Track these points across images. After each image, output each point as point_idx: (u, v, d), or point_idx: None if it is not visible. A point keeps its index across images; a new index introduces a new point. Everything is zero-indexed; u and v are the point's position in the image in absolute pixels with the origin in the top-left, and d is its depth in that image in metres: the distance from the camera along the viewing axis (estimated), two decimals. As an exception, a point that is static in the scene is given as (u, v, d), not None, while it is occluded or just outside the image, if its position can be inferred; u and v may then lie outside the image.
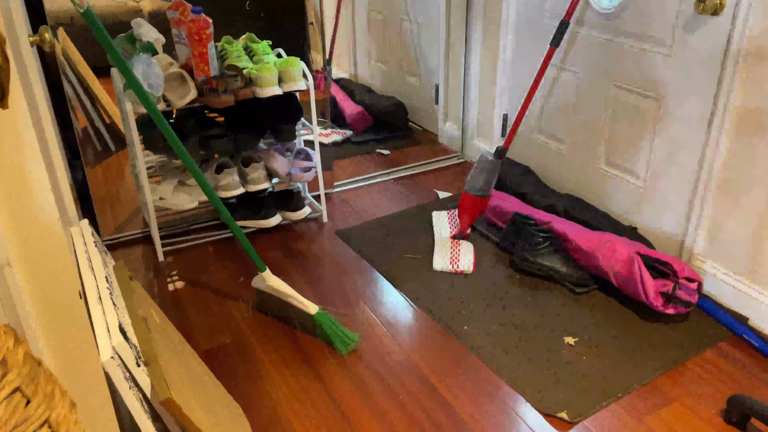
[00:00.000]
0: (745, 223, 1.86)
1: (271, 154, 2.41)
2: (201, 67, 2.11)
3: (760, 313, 1.86)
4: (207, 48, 2.09)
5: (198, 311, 2.01)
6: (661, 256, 1.92)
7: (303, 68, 2.26)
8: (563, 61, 2.37)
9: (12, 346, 0.60)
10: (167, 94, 2.09)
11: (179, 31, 2.14)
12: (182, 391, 1.14)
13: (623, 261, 1.89)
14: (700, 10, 1.77)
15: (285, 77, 2.21)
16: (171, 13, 2.14)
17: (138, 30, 2.15)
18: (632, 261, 1.87)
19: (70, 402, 0.62)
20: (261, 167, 2.33)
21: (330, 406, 1.64)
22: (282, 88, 2.22)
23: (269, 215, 2.40)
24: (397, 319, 1.96)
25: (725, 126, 1.83)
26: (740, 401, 1.53)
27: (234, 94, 2.14)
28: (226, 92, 2.12)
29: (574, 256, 2.06)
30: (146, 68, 1.98)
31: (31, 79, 1.31)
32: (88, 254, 1.35)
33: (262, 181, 2.33)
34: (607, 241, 1.97)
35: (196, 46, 2.08)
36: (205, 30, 2.07)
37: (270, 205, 2.42)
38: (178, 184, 2.33)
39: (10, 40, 1.06)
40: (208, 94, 2.11)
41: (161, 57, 2.15)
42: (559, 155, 2.51)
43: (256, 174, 2.31)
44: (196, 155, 2.33)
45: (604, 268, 1.95)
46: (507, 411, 1.62)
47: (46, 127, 1.38)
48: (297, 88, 2.24)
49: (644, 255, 1.91)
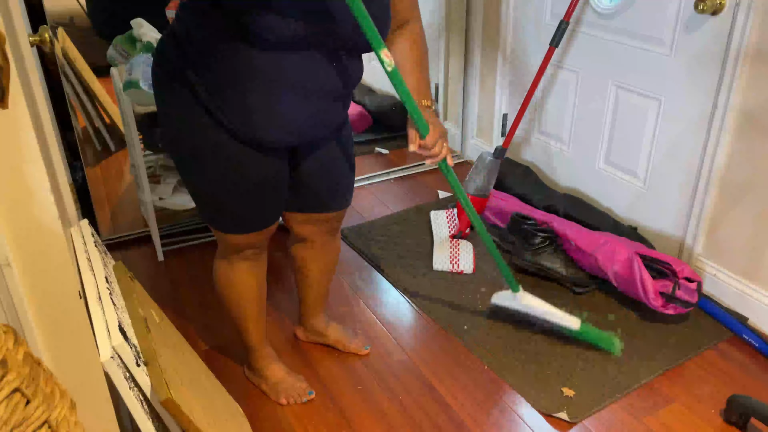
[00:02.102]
0: (745, 223, 1.86)
1: None
2: None
3: (760, 313, 1.86)
4: None
5: (198, 311, 2.01)
6: (660, 256, 1.91)
7: None
8: (563, 61, 2.37)
9: (12, 346, 0.60)
10: None
11: None
12: (182, 391, 1.14)
13: (623, 261, 1.89)
14: (700, 10, 1.77)
15: None
16: (171, 13, 2.14)
17: (138, 30, 2.15)
18: (632, 261, 1.87)
19: (70, 402, 0.62)
20: None
21: (329, 406, 1.64)
22: None
23: None
24: (397, 319, 1.96)
25: (725, 126, 1.83)
26: (740, 401, 1.53)
27: None
28: None
29: (574, 257, 2.05)
30: (146, 68, 1.98)
31: (31, 79, 1.31)
32: (88, 254, 1.35)
33: None
34: (606, 241, 1.97)
35: None
36: None
37: None
38: (178, 184, 2.32)
39: (10, 40, 1.06)
40: None
41: None
42: (560, 155, 2.51)
43: None
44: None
45: (604, 269, 1.94)
46: (507, 411, 1.62)
47: (46, 127, 1.37)
48: None
49: (644, 255, 1.91)
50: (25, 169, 0.83)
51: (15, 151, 0.82)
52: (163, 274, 2.21)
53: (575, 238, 2.04)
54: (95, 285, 1.24)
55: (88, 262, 1.31)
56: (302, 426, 1.58)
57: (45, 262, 0.87)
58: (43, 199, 0.85)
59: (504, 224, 2.32)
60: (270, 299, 2.06)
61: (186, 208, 2.29)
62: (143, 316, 1.23)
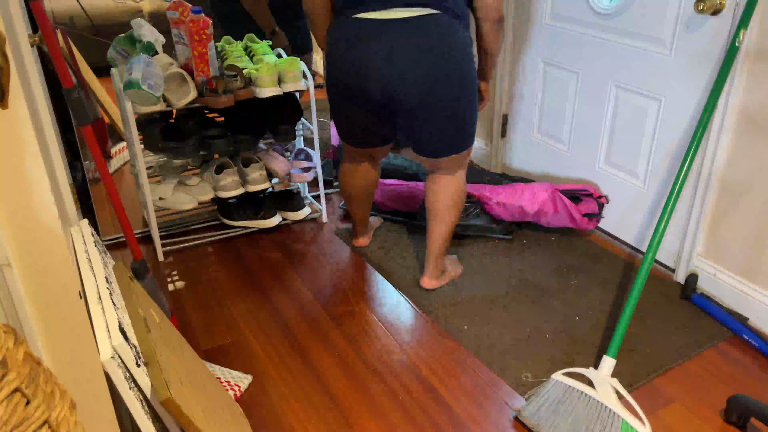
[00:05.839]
0: (745, 223, 1.86)
1: (270, 155, 2.41)
2: (201, 68, 2.11)
3: (760, 313, 1.86)
4: (207, 48, 2.09)
5: (198, 311, 2.01)
6: (572, 186, 2.28)
7: (303, 69, 2.26)
8: (563, 61, 2.37)
9: (12, 346, 0.60)
10: (167, 95, 2.09)
11: (179, 31, 2.14)
12: (182, 391, 1.14)
13: (546, 200, 2.24)
14: (700, 10, 1.77)
15: (285, 78, 2.21)
16: (171, 13, 2.14)
17: (138, 30, 2.15)
18: (555, 197, 2.24)
19: (70, 402, 0.62)
20: (260, 168, 2.33)
21: (329, 406, 1.64)
22: (282, 88, 2.22)
23: (269, 215, 2.40)
24: (397, 319, 1.96)
25: (725, 126, 1.83)
26: (740, 401, 1.53)
27: (234, 95, 2.14)
28: (225, 93, 2.12)
29: (495, 211, 2.33)
30: (146, 68, 1.98)
31: (31, 79, 1.31)
32: (88, 254, 1.35)
33: (261, 182, 2.33)
34: (523, 189, 2.29)
35: (196, 46, 2.08)
36: (204, 30, 2.06)
37: (270, 205, 2.42)
38: (178, 184, 2.33)
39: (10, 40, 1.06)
40: (207, 94, 2.11)
41: (161, 57, 2.14)
42: (560, 155, 2.51)
43: (255, 174, 2.31)
44: (196, 155, 2.34)
45: (530, 212, 2.26)
46: (507, 411, 1.62)
47: (46, 127, 1.38)
48: (297, 89, 2.23)
49: (563, 190, 2.28)
50: (25, 169, 0.83)
51: (15, 151, 0.82)
52: (163, 274, 2.21)
53: (494, 195, 2.32)
54: (95, 285, 1.24)
55: (89, 262, 1.32)
56: (302, 426, 1.58)
57: (45, 262, 0.87)
58: (43, 199, 0.86)
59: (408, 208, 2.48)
60: (270, 300, 2.06)
61: (186, 208, 2.29)
62: (143, 316, 1.23)
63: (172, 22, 2.15)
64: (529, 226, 2.43)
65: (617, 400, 1.47)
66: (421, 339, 1.87)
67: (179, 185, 2.32)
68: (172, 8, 2.13)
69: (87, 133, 1.63)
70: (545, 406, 1.53)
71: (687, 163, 1.78)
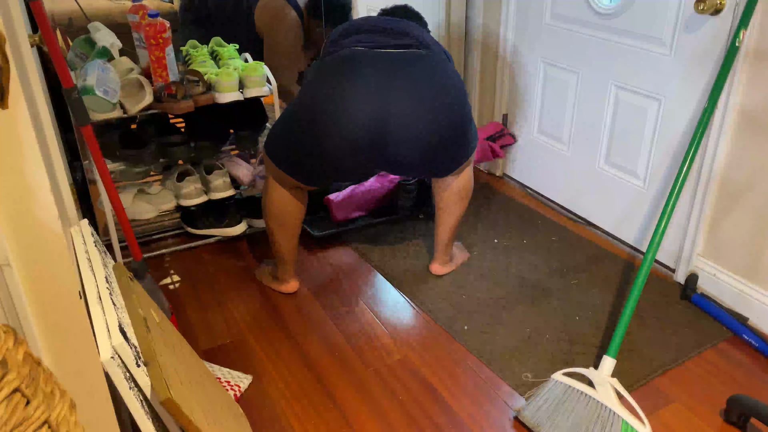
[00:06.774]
0: (745, 223, 1.86)
1: (234, 161, 2.35)
2: (159, 72, 2.03)
3: (760, 313, 1.86)
4: (164, 52, 2.01)
5: (198, 311, 2.01)
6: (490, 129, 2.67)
7: (266, 73, 2.19)
8: (563, 61, 2.37)
9: (12, 346, 0.60)
10: (123, 101, 2.00)
11: (140, 35, 2.06)
12: (182, 391, 1.14)
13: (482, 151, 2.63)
14: (700, 10, 1.77)
15: (247, 82, 2.14)
16: (131, 17, 2.06)
17: (95, 34, 2.07)
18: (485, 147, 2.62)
19: (70, 402, 0.62)
20: (224, 175, 2.26)
21: (329, 406, 1.64)
22: (244, 93, 2.15)
23: (234, 223, 2.34)
24: (397, 319, 1.96)
25: (725, 126, 1.83)
26: (740, 401, 1.53)
27: (194, 100, 2.06)
28: (185, 98, 2.03)
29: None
30: (101, 74, 1.90)
31: (31, 79, 1.31)
32: (88, 254, 1.35)
33: (225, 189, 2.26)
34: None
35: (153, 50, 2.00)
36: (161, 34, 1.98)
37: (235, 213, 2.36)
38: (138, 192, 2.25)
39: (10, 40, 1.06)
40: (166, 99, 2.02)
41: (122, 61, 2.07)
42: (560, 155, 2.51)
43: (218, 182, 2.25)
44: (156, 162, 2.25)
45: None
46: (507, 411, 1.62)
47: (46, 127, 1.37)
48: (259, 94, 2.16)
49: (487, 137, 2.64)
50: (25, 169, 0.83)
51: (15, 151, 0.82)
52: (163, 275, 2.21)
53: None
54: (95, 285, 1.24)
55: (88, 262, 1.31)
56: (302, 426, 1.58)
57: (45, 262, 0.87)
58: (43, 199, 0.85)
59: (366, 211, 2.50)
60: (270, 300, 2.06)
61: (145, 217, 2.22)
62: (143, 316, 1.23)
63: (133, 26, 2.08)
64: (531, 227, 2.43)
65: (617, 400, 1.48)
66: (421, 339, 1.87)
67: (139, 194, 2.24)
68: (132, 11, 2.05)
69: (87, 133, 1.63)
70: (545, 406, 1.53)
71: (687, 162, 1.78)
